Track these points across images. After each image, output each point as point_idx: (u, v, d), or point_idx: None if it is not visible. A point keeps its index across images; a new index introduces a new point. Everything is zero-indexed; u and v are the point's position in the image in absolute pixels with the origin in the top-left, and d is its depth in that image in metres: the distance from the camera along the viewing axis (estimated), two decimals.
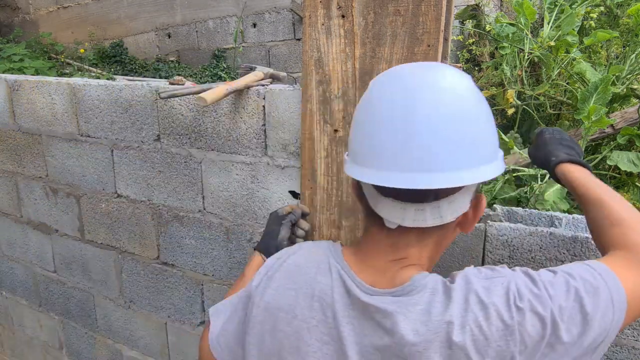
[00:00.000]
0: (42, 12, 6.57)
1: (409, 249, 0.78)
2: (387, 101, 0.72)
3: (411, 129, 0.68)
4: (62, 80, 1.87)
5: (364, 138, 0.74)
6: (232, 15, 5.53)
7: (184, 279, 1.78)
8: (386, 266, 0.78)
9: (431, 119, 0.68)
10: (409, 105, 0.69)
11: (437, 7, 1.08)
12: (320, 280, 0.80)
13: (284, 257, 0.90)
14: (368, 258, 0.81)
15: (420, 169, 0.68)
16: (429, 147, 0.68)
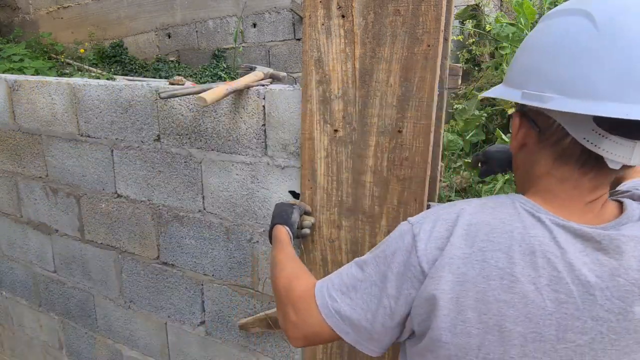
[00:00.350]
0: (42, 12, 6.57)
1: (606, 187, 0.76)
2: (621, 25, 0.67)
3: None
4: (62, 80, 1.87)
5: (595, 70, 0.67)
6: (232, 15, 5.53)
7: (184, 279, 1.78)
8: (585, 208, 0.75)
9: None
10: None
11: (437, 7, 1.08)
12: (534, 234, 0.71)
13: (449, 220, 0.77)
14: (563, 203, 0.75)
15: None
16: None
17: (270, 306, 1.57)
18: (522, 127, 0.79)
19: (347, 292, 0.82)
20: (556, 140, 0.73)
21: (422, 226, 0.78)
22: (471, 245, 0.73)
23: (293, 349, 1.57)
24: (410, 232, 0.79)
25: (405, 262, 0.77)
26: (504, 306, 0.70)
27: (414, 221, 0.81)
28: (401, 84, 1.14)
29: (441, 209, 0.80)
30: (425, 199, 1.20)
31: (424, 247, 0.76)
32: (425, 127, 1.15)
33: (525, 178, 0.82)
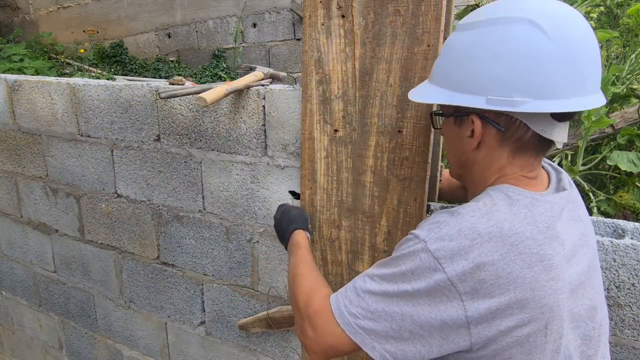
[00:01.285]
0: (42, 12, 6.57)
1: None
2: (567, 37, 0.78)
3: (591, 57, 0.79)
4: (62, 80, 1.87)
5: (554, 73, 0.78)
6: (232, 15, 5.53)
7: (184, 279, 1.78)
8: (536, 181, 0.90)
9: (595, 47, 0.80)
10: (587, 38, 0.80)
11: (437, 7, 1.08)
12: (540, 212, 0.82)
13: (466, 229, 0.79)
14: (530, 183, 0.88)
15: (593, 91, 0.81)
16: (597, 71, 0.82)
17: (270, 306, 1.57)
18: (483, 128, 0.86)
19: (367, 308, 0.83)
20: (519, 136, 0.84)
21: (438, 242, 0.79)
22: (503, 245, 0.76)
23: (293, 349, 1.57)
24: (425, 250, 0.79)
25: (429, 280, 0.78)
26: (553, 283, 0.77)
27: (425, 237, 0.80)
28: (401, 84, 1.14)
29: (449, 221, 0.81)
30: (425, 198, 1.20)
31: (449, 263, 0.76)
32: (425, 127, 1.14)
33: (485, 172, 0.90)
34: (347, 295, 0.86)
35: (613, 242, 1.06)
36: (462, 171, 0.96)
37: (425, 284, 0.78)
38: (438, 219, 0.83)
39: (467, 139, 0.88)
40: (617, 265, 1.07)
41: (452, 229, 0.79)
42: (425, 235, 0.81)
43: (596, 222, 1.16)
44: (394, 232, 1.25)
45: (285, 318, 1.50)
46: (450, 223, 0.80)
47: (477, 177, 0.92)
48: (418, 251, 0.80)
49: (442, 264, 0.77)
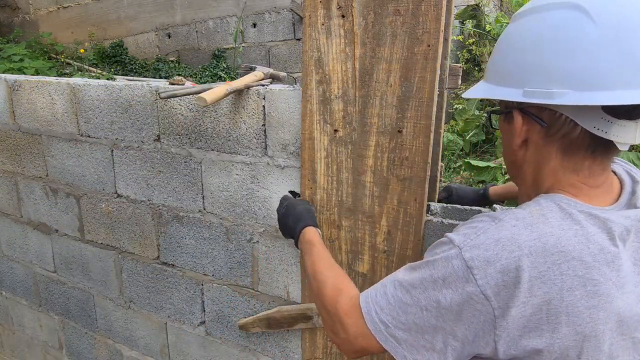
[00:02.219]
0: (42, 12, 6.57)
1: (609, 169, 0.81)
2: (609, 22, 0.70)
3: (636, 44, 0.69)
4: (62, 80, 1.87)
5: (599, 60, 0.69)
6: (232, 15, 5.53)
7: (184, 279, 1.78)
8: (599, 191, 0.79)
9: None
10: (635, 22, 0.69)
11: (437, 7, 1.08)
12: (593, 232, 0.73)
13: (506, 240, 0.72)
14: (588, 193, 0.78)
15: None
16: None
17: (270, 306, 1.57)
18: (524, 124, 0.79)
19: (398, 317, 0.79)
20: (565, 133, 0.75)
21: (473, 251, 0.73)
22: (544, 262, 0.70)
23: (293, 349, 1.57)
24: (459, 257, 0.73)
25: (461, 290, 0.73)
26: (595, 311, 0.70)
27: (460, 243, 0.75)
28: (401, 84, 1.14)
29: (488, 228, 0.75)
30: (425, 198, 1.20)
31: (483, 274, 0.71)
32: (425, 127, 1.15)
33: (537, 173, 0.82)
34: (378, 302, 0.81)
35: None
36: (515, 172, 0.89)
37: (458, 294, 0.73)
38: (476, 224, 0.77)
39: (514, 137, 0.82)
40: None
41: (490, 237, 0.73)
42: (460, 240, 0.75)
43: None
44: (394, 232, 1.25)
45: (285, 318, 1.50)
46: (488, 230, 0.74)
47: (528, 178, 0.85)
48: (451, 257, 0.74)
49: (474, 275, 0.71)
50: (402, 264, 1.25)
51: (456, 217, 1.31)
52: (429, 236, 1.23)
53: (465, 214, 1.31)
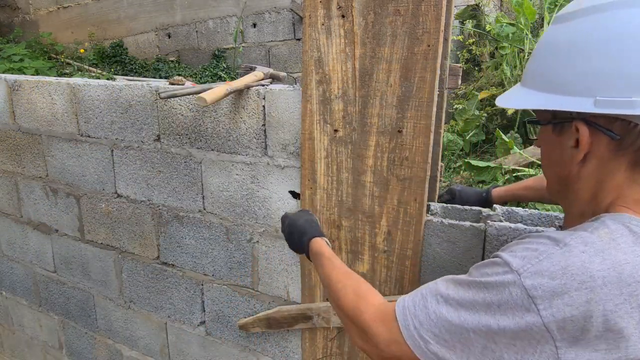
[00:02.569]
0: (42, 12, 6.57)
1: None
2: None
3: None
4: (62, 80, 1.87)
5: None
6: (232, 15, 5.53)
7: (184, 279, 1.78)
8: None
9: None
10: None
11: (437, 7, 1.08)
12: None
13: (575, 268, 0.65)
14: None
15: None
16: None
17: (270, 306, 1.57)
18: (592, 136, 0.71)
19: (440, 335, 0.73)
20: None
21: (536, 278, 0.65)
22: (620, 294, 0.62)
23: (293, 349, 1.57)
24: (518, 284, 0.66)
25: (519, 320, 0.66)
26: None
27: (519, 268, 0.67)
28: (401, 84, 1.14)
29: (552, 252, 0.67)
30: (425, 199, 1.20)
31: (547, 305, 0.64)
32: (425, 127, 1.15)
33: (597, 189, 0.75)
34: (417, 315, 0.76)
35: None
36: (562, 188, 0.81)
37: (514, 323, 0.66)
38: (537, 247, 0.69)
39: (570, 150, 0.74)
40: None
41: (556, 264, 0.65)
42: (519, 265, 0.67)
43: None
44: (394, 232, 1.25)
45: (285, 318, 1.50)
46: (553, 256, 0.66)
47: (583, 196, 0.77)
48: (508, 284, 0.67)
49: (537, 305, 0.64)
50: (402, 264, 1.25)
51: (456, 217, 1.31)
52: (429, 236, 1.23)
53: (465, 213, 1.31)
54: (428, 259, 1.25)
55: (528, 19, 3.36)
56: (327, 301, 1.41)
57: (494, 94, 3.49)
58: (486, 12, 4.31)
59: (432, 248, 1.24)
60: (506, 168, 2.61)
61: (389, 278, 1.29)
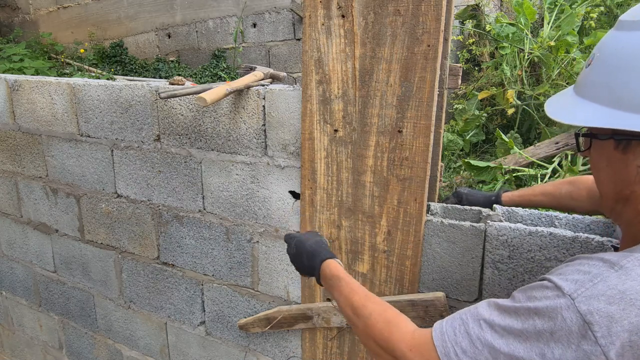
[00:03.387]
0: (42, 12, 6.57)
1: None
2: None
3: None
4: (62, 80, 1.87)
5: None
6: (232, 15, 5.53)
7: (184, 279, 1.78)
8: None
9: None
10: None
11: (437, 7, 1.08)
12: None
13: (635, 294, 0.62)
14: None
15: None
16: None
17: (270, 306, 1.57)
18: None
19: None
20: None
21: (591, 303, 0.62)
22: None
23: (293, 349, 1.57)
24: (572, 309, 0.63)
25: (575, 348, 0.62)
26: None
27: (572, 292, 0.64)
28: (401, 84, 1.14)
29: (607, 275, 0.64)
30: (425, 199, 1.20)
31: (606, 332, 0.61)
32: (425, 127, 1.15)
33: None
34: (458, 342, 0.71)
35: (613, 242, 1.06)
36: (620, 207, 0.77)
37: (571, 352, 0.62)
38: (590, 269, 0.66)
39: (637, 169, 0.70)
40: None
41: (612, 287, 0.62)
42: (571, 289, 0.64)
43: (596, 222, 1.16)
44: (394, 232, 1.25)
45: (285, 318, 1.50)
46: (608, 279, 0.63)
47: (636, 213, 0.73)
48: (560, 308, 0.64)
49: (594, 332, 0.61)
50: (402, 264, 1.25)
51: (456, 217, 1.31)
52: (429, 236, 1.23)
53: (465, 213, 1.31)
54: (428, 259, 1.25)
55: (528, 19, 3.36)
56: (328, 301, 1.41)
57: (494, 94, 3.49)
58: (486, 12, 4.31)
59: (432, 248, 1.24)
60: (506, 168, 2.61)
61: (389, 278, 1.29)
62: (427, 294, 1.24)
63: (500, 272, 1.16)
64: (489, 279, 1.18)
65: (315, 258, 1.07)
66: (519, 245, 1.13)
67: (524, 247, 1.12)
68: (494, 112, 3.57)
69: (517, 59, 3.48)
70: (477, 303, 0.76)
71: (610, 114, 0.68)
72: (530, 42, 3.37)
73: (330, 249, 1.34)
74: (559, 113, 0.77)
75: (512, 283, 1.16)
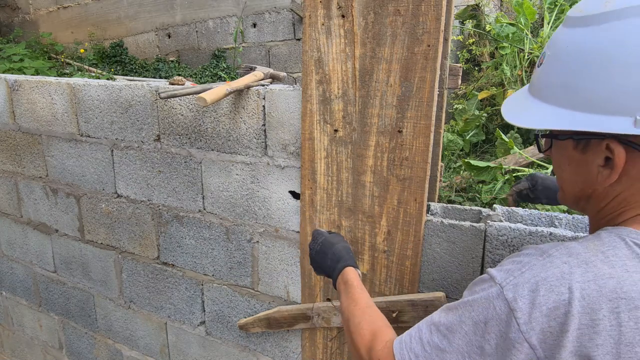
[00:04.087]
0: (42, 12, 6.57)
1: None
2: None
3: None
4: (62, 80, 1.87)
5: None
6: (232, 15, 5.53)
7: (184, 279, 1.78)
8: None
9: None
10: None
11: (437, 7, 1.08)
12: None
13: (556, 280, 0.63)
14: None
15: None
16: None
17: (270, 306, 1.57)
18: (629, 156, 0.66)
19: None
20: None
21: (517, 290, 0.64)
22: (599, 309, 0.59)
23: (293, 349, 1.57)
24: (501, 297, 0.65)
25: (504, 336, 0.64)
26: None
27: (502, 281, 0.66)
28: (401, 84, 1.14)
29: (534, 264, 0.65)
30: (425, 199, 1.20)
31: (527, 318, 0.62)
32: (425, 127, 1.15)
33: (623, 208, 0.70)
34: (412, 348, 0.73)
35: None
36: (583, 204, 0.77)
37: (502, 341, 0.64)
38: (522, 259, 0.67)
39: (597, 169, 0.69)
40: None
41: (536, 275, 0.64)
42: (502, 278, 0.66)
43: None
44: (394, 232, 1.25)
45: (285, 318, 1.50)
46: (535, 266, 0.65)
47: (605, 214, 0.73)
48: (492, 297, 0.66)
49: (517, 319, 0.63)
50: (402, 264, 1.26)
51: (456, 217, 1.31)
52: (429, 236, 1.23)
53: (465, 213, 1.31)
54: (428, 259, 1.25)
55: (528, 19, 3.36)
56: (328, 301, 1.41)
57: (494, 94, 3.49)
58: (486, 12, 4.31)
59: (432, 248, 1.24)
60: (506, 168, 2.61)
61: (389, 278, 1.29)
62: (427, 294, 1.24)
63: None
64: None
65: (340, 262, 1.07)
66: (519, 245, 1.13)
67: None
68: (494, 112, 3.57)
69: (517, 59, 3.48)
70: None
71: (565, 115, 0.67)
72: (530, 42, 3.37)
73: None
74: (515, 116, 0.76)
75: None
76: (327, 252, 1.11)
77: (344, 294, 0.99)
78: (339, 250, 1.10)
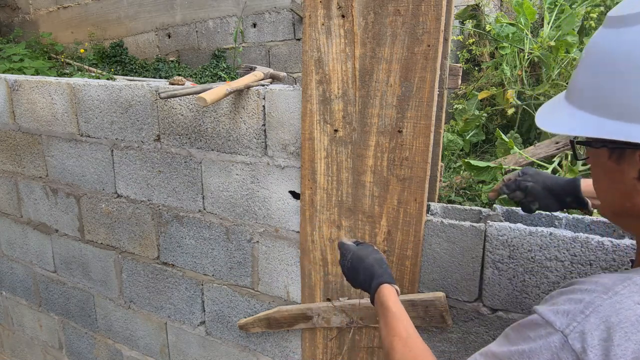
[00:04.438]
0: (42, 12, 6.57)
1: None
2: None
3: None
4: (62, 80, 1.87)
5: None
6: (232, 15, 5.53)
7: (184, 279, 1.78)
8: None
9: None
10: None
11: (437, 7, 1.08)
12: None
13: (634, 325, 0.56)
14: None
15: None
16: None
17: (270, 306, 1.57)
18: None
19: None
20: None
21: (585, 339, 0.57)
22: None
23: (293, 349, 1.57)
24: (566, 348, 0.57)
25: None
26: None
27: (564, 328, 0.59)
28: (401, 84, 1.14)
29: (599, 304, 0.58)
30: (425, 199, 1.20)
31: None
32: (425, 127, 1.15)
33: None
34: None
35: (613, 242, 1.06)
36: (626, 221, 0.71)
37: None
38: (582, 297, 0.60)
39: (633, 181, 0.64)
40: (617, 265, 1.07)
41: (605, 319, 0.57)
42: (563, 323, 0.59)
43: (596, 222, 1.16)
44: (394, 232, 1.25)
45: (285, 318, 1.50)
46: (601, 307, 0.57)
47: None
48: (556, 348, 0.58)
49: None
50: (402, 264, 1.26)
51: (456, 217, 1.31)
52: (429, 236, 1.23)
53: (465, 213, 1.31)
54: (428, 259, 1.25)
55: (528, 19, 3.36)
56: (328, 301, 1.41)
57: (494, 94, 3.49)
58: (486, 12, 4.31)
59: (432, 248, 1.24)
60: (506, 168, 2.61)
61: None
62: (427, 294, 1.24)
63: (500, 272, 1.16)
64: (489, 279, 1.18)
65: (374, 279, 1.00)
66: (519, 245, 1.13)
67: (524, 247, 1.12)
68: (494, 112, 3.57)
69: (517, 59, 3.48)
70: (473, 355, 0.71)
71: (597, 123, 0.62)
72: (530, 42, 3.37)
73: (331, 249, 1.34)
74: (546, 121, 0.71)
75: (512, 283, 1.16)
76: (358, 269, 1.04)
77: (382, 320, 0.93)
78: (371, 265, 1.02)
